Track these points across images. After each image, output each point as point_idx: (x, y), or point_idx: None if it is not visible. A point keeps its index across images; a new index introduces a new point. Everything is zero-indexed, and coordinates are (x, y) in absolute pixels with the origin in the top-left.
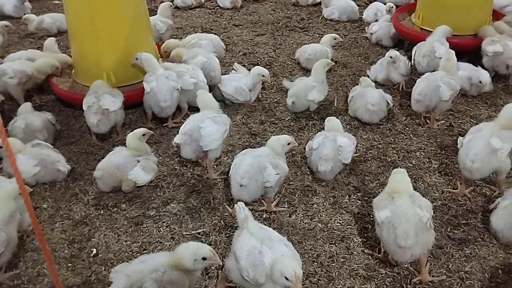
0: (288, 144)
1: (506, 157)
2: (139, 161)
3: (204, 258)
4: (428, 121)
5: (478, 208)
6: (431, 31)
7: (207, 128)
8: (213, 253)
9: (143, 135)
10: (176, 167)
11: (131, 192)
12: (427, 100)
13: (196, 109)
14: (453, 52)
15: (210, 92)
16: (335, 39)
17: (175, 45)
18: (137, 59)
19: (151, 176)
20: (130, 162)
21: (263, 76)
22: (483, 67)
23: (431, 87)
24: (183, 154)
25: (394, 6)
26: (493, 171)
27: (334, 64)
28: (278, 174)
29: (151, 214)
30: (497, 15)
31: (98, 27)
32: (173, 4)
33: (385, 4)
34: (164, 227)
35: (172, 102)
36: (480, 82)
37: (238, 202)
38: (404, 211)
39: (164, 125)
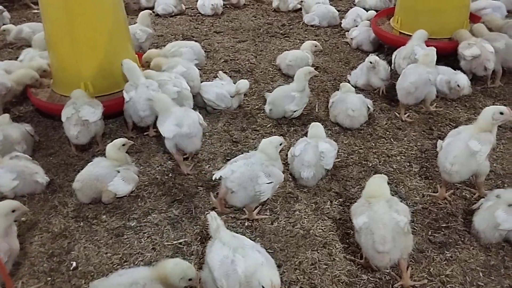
0: (280, 144)
1: (485, 160)
2: (119, 172)
3: (190, 279)
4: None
5: (458, 211)
6: (410, 35)
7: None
8: (197, 276)
9: (123, 145)
10: (157, 177)
11: (112, 203)
12: (419, 92)
13: None
14: (434, 48)
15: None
16: (315, 46)
17: (156, 56)
18: (122, 65)
19: (131, 187)
20: (110, 173)
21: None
22: (461, 70)
23: (422, 79)
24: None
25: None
26: (472, 173)
27: (318, 73)
28: (271, 182)
29: (132, 225)
30: (474, 18)
31: (75, 36)
32: (153, 11)
33: (365, 9)
34: (145, 238)
35: (151, 112)
36: (458, 86)
37: (211, 212)
38: (381, 216)
39: (145, 134)
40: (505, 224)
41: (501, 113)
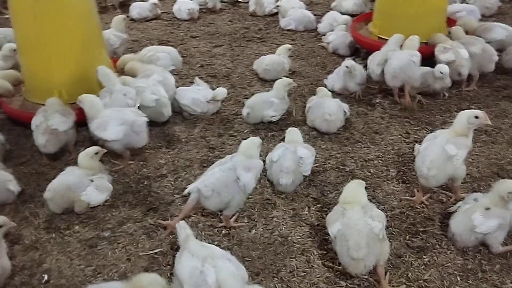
0: (260, 144)
1: (462, 164)
2: (92, 181)
3: None
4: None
5: (435, 215)
6: (386, 39)
7: None
8: None
9: (96, 153)
10: (132, 185)
11: (85, 213)
12: (403, 74)
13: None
14: (417, 37)
15: None
16: (289, 49)
17: (132, 60)
18: (97, 71)
19: (105, 196)
20: (82, 182)
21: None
22: None
23: (405, 61)
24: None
25: None
26: (449, 177)
27: (296, 85)
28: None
29: (106, 235)
30: (451, 22)
31: (46, 43)
32: (128, 16)
33: (341, 13)
34: (120, 249)
35: None
36: (441, 73)
37: (180, 222)
38: (356, 222)
39: None
40: (481, 227)
41: (476, 117)
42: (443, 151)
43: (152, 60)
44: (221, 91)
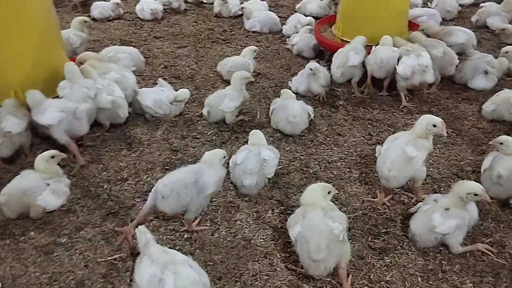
0: (224, 157)
1: (422, 165)
2: (48, 185)
3: None
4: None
5: (397, 216)
6: (350, 42)
7: None
8: None
9: (52, 157)
10: (91, 189)
11: (41, 218)
12: (388, 65)
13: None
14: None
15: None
16: (254, 51)
17: (93, 58)
18: None
19: (62, 200)
20: (38, 186)
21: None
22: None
23: (389, 54)
24: None
25: None
26: (409, 178)
27: (253, 80)
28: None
29: (63, 241)
30: (412, 25)
31: (0, 42)
32: (90, 15)
33: (305, 15)
34: (77, 255)
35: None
36: (426, 66)
37: (140, 226)
38: (316, 224)
39: (79, 143)
40: (440, 227)
41: (434, 126)
42: (403, 152)
43: (112, 61)
44: (183, 92)
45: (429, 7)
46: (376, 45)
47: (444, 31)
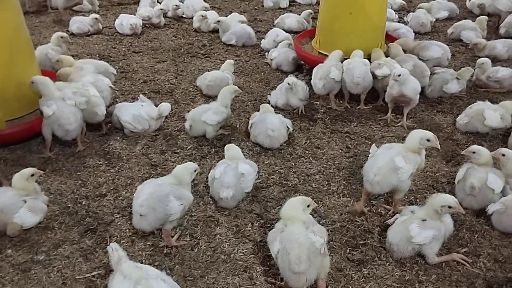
0: (195, 171)
1: (407, 178)
2: (25, 202)
3: None
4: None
5: (374, 228)
6: (327, 55)
7: None
8: None
9: (32, 175)
10: (69, 205)
11: (18, 236)
12: (365, 82)
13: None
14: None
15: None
16: (232, 64)
17: (69, 61)
18: (32, 82)
19: (39, 218)
20: (15, 203)
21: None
22: (373, 88)
23: (365, 71)
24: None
25: None
26: (392, 188)
27: (242, 91)
28: (181, 204)
29: (40, 258)
30: (390, 38)
31: None
32: (68, 30)
33: (284, 30)
34: (55, 272)
35: (77, 124)
36: (399, 75)
37: (111, 244)
38: (297, 236)
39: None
40: (417, 238)
41: (428, 140)
42: (391, 161)
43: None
44: (166, 107)
45: (404, 22)
46: (346, 59)
47: (420, 45)
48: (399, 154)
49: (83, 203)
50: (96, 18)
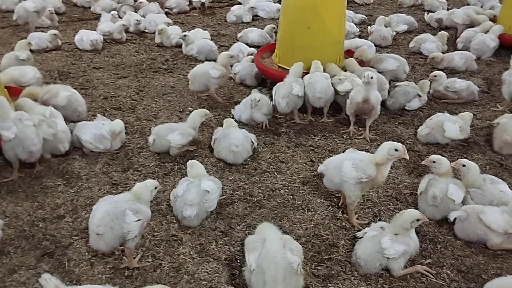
0: (155, 188)
1: (352, 184)
2: None
3: None
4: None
5: (339, 242)
6: (288, 69)
7: None
8: None
9: None
10: (25, 228)
11: None
12: (326, 95)
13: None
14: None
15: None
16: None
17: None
18: None
19: None
20: None
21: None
22: (335, 102)
23: (327, 84)
24: None
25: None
26: (337, 188)
27: (212, 115)
28: (139, 220)
29: None
30: (350, 53)
31: None
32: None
33: (247, 44)
34: None
35: (41, 144)
36: (371, 78)
37: (42, 274)
38: (273, 255)
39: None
40: (389, 250)
41: (396, 150)
42: (343, 160)
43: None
44: (118, 124)
45: (364, 38)
46: (306, 73)
47: (376, 58)
48: (353, 159)
49: (40, 225)
50: (55, 34)
